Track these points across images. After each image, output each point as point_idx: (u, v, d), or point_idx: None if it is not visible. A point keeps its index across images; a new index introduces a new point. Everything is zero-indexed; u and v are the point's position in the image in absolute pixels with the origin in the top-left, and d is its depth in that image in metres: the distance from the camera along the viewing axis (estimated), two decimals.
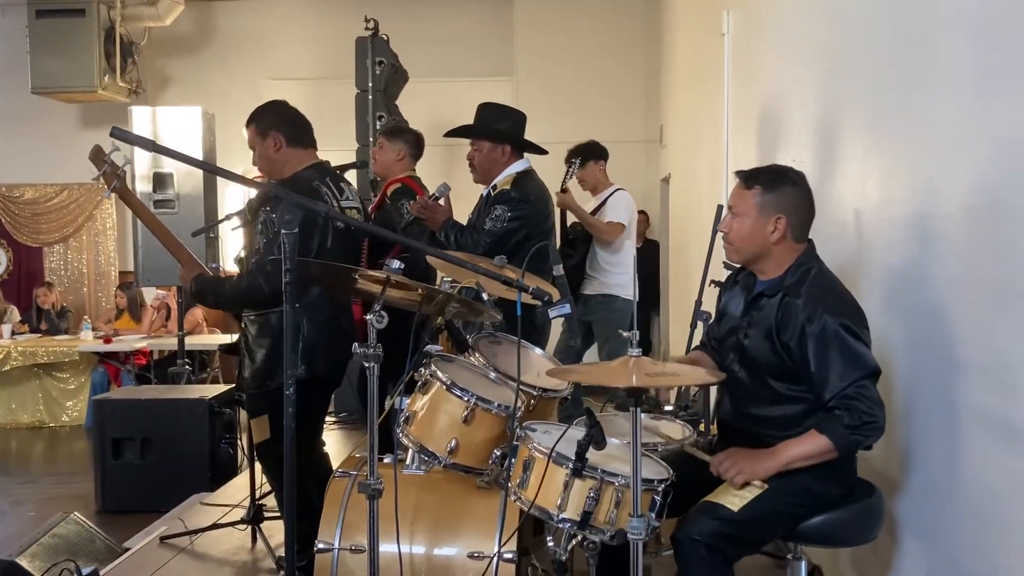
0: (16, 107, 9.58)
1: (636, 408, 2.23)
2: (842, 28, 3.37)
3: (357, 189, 3.81)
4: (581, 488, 2.36)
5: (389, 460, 2.88)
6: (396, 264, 2.48)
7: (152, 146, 2.45)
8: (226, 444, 5.52)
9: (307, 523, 2.86)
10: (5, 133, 9.81)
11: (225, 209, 6.32)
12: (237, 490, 4.91)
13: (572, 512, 2.36)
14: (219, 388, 5.92)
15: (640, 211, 8.04)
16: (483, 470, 2.76)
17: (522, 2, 9.49)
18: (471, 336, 3.14)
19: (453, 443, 2.69)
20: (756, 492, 2.47)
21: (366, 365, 2.43)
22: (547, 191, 4.24)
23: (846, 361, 2.45)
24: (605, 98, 9.30)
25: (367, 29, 7.39)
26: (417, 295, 2.64)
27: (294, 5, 9.82)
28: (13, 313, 9.30)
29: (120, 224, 10.02)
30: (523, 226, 3.94)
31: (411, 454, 2.77)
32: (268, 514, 4.17)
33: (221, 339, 7.70)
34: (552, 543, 2.50)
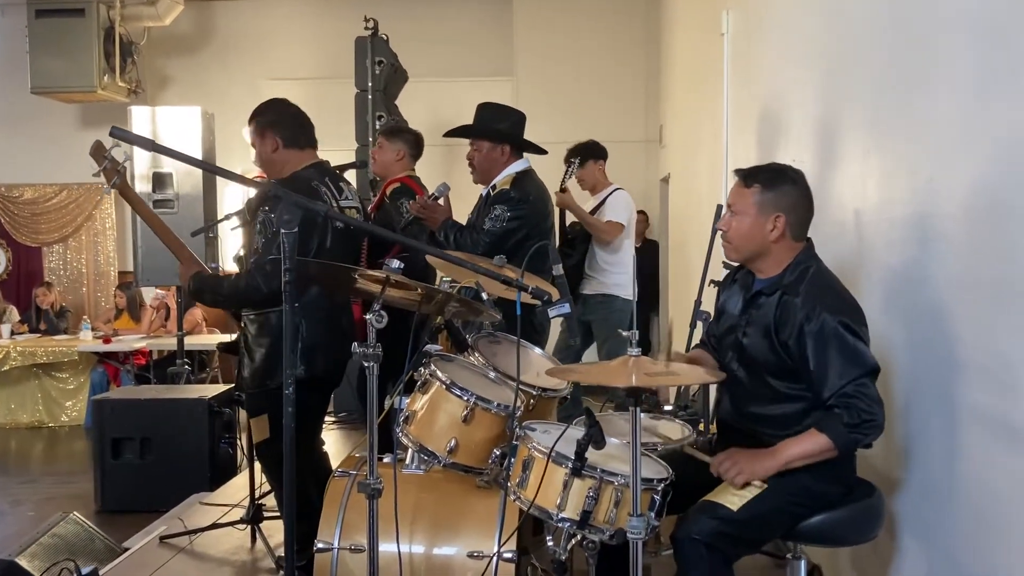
0: (15, 107, 9.59)
1: (635, 408, 2.22)
2: (842, 28, 3.36)
3: (356, 189, 3.81)
4: (580, 487, 2.36)
5: (389, 460, 2.88)
6: (395, 264, 2.47)
7: (152, 146, 2.45)
8: (225, 444, 5.53)
9: (307, 523, 2.85)
10: (4, 133, 9.81)
11: (224, 209, 6.32)
12: (236, 490, 4.91)
13: (571, 511, 2.36)
14: (218, 388, 5.92)
15: (639, 211, 8.04)
16: (483, 470, 2.76)
17: (522, 2, 9.48)
18: (470, 336, 3.14)
19: (453, 442, 2.70)
20: (756, 491, 2.47)
21: (365, 365, 2.43)
22: (546, 191, 4.24)
23: (845, 359, 2.44)
24: (605, 98, 9.30)
25: (367, 29, 7.39)
26: (417, 295, 2.64)
27: (293, 5, 9.82)
28: (12, 313, 9.30)
29: (119, 224, 10.02)
30: (522, 226, 3.94)
31: (411, 454, 2.77)
32: (267, 514, 4.17)
33: (220, 339, 7.68)
34: (552, 542, 2.50)
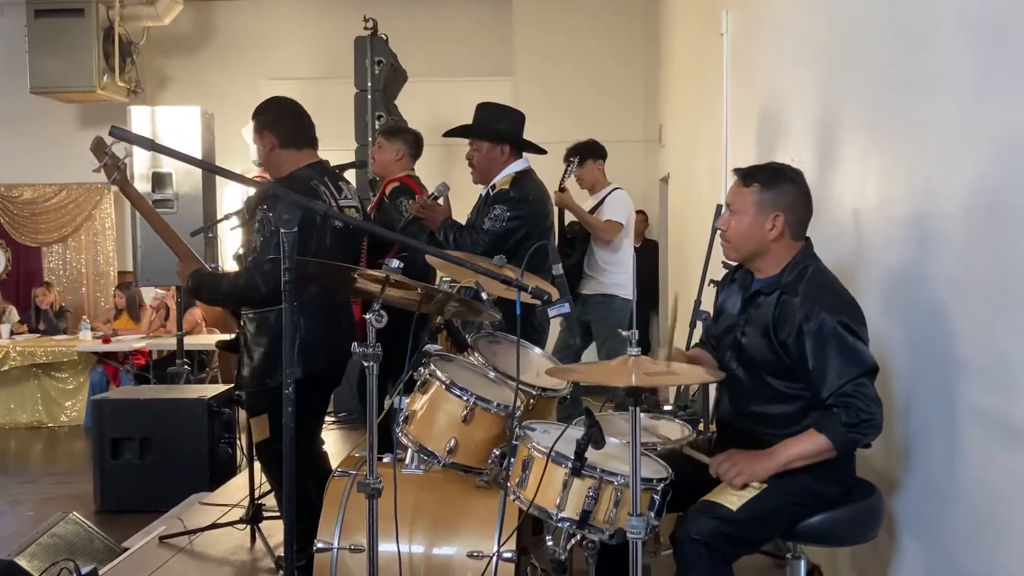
0: (15, 107, 9.59)
1: (635, 407, 2.22)
2: (842, 28, 3.36)
3: (356, 189, 3.81)
4: (580, 487, 2.36)
5: (388, 459, 2.88)
6: (395, 263, 2.47)
7: (151, 145, 2.45)
8: (225, 444, 5.53)
9: (306, 522, 2.85)
10: (4, 133, 9.81)
11: (224, 209, 6.31)
12: (236, 490, 4.91)
13: (571, 511, 2.36)
14: (218, 388, 5.93)
15: (639, 211, 8.05)
16: (482, 469, 2.76)
17: (521, 2, 9.48)
18: (470, 335, 3.14)
19: (452, 442, 2.69)
20: (755, 491, 2.47)
21: (365, 364, 2.42)
22: (546, 191, 4.24)
23: (844, 359, 2.44)
24: (604, 98, 9.30)
25: (366, 29, 7.39)
26: (416, 294, 2.64)
27: (293, 5, 9.82)
28: (12, 313, 9.30)
29: (119, 224, 10.02)
30: (522, 226, 3.94)
31: (410, 453, 2.77)
32: (267, 513, 4.17)
33: (220, 338, 7.69)
34: (551, 542, 2.50)
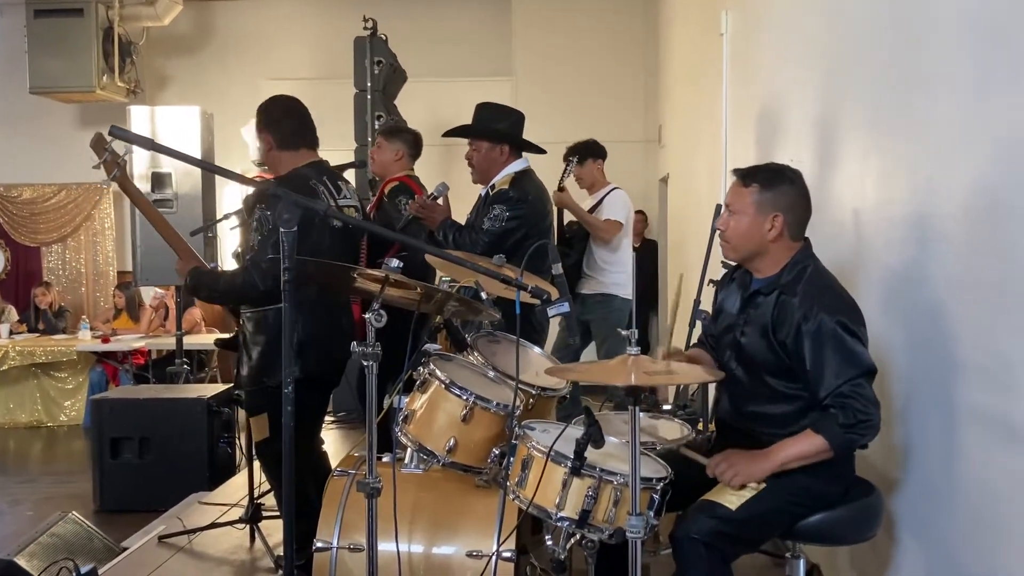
0: (14, 107, 9.58)
1: (635, 407, 2.22)
2: (842, 28, 3.36)
3: (356, 188, 3.81)
4: (580, 487, 2.36)
5: (388, 459, 2.87)
6: (395, 263, 2.47)
7: (151, 145, 2.44)
8: (224, 443, 5.52)
9: (306, 522, 2.84)
10: (3, 133, 9.81)
11: (223, 209, 6.31)
12: (235, 489, 4.90)
13: (571, 511, 2.36)
14: (217, 387, 5.92)
15: (638, 211, 8.05)
16: (482, 469, 2.77)
17: (521, 2, 9.48)
18: (470, 335, 3.14)
19: (452, 442, 2.70)
20: (754, 491, 2.47)
21: (364, 364, 2.42)
22: (545, 190, 4.24)
23: (842, 359, 2.44)
24: (604, 98, 9.30)
25: (366, 29, 7.38)
26: (416, 294, 2.64)
27: (292, 5, 9.82)
28: (11, 313, 9.29)
29: (118, 224, 10.01)
30: (521, 225, 3.94)
31: (410, 453, 2.77)
32: (266, 513, 4.17)
33: (219, 337, 7.68)
34: (551, 542, 2.50)
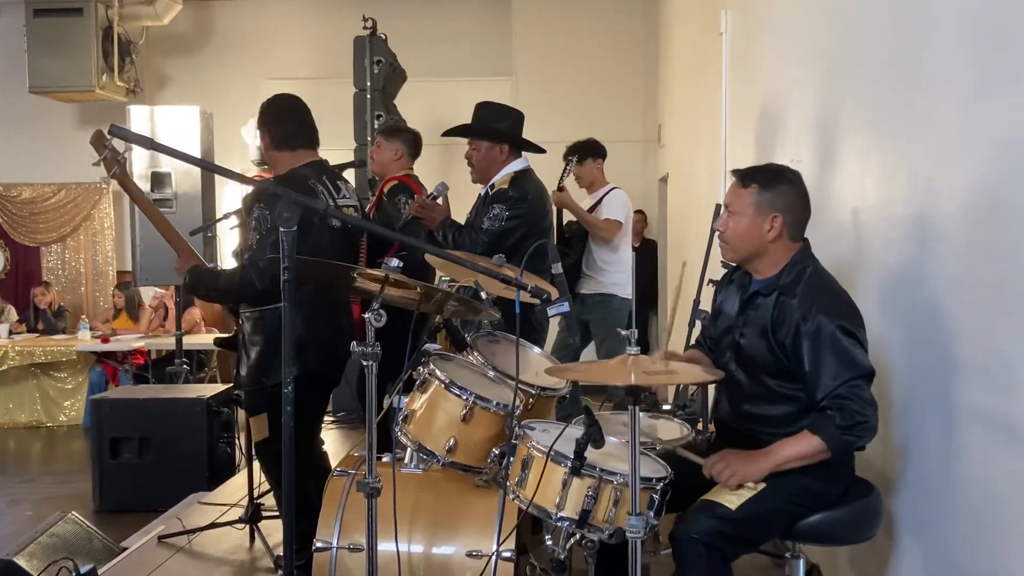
0: (14, 107, 9.58)
1: (634, 406, 2.22)
2: (842, 28, 3.36)
3: (355, 188, 3.80)
4: (579, 486, 2.35)
5: (388, 459, 2.87)
6: (395, 263, 2.46)
7: (151, 144, 2.44)
8: (224, 443, 5.52)
9: (305, 522, 2.84)
10: (3, 133, 9.81)
11: (223, 208, 6.30)
12: (235, 489, 4.90)
13: (570, 511, 2.36)
14: (217, 387, 5.92)
15: (638, 210, 8.05)
16: (481, 469, 2.77)
17: (521, 2, 9.48)
18: (469, 335, 3.14)
19: (452, 442, 2.70)
20: (754, 491, 2.47)
21: (364, 364, 2.42)
22: (545, 190, 4.24)
23: (839, 361, 2.44)
24: (604, 97, 9.30)
25: (365, 28, 7.38)
26: (416, 294, 2.64)
27: (292, 4, 9.82)
28: (10, 313, 9.29)
29: (118, 223, 10.00)
30: (521, 225, 3.93)
31: (409, 453, 2.78)
32: (266, 513, 4.17)
33: (219, 336, 7.67)
34: (550, 542, 2.50)
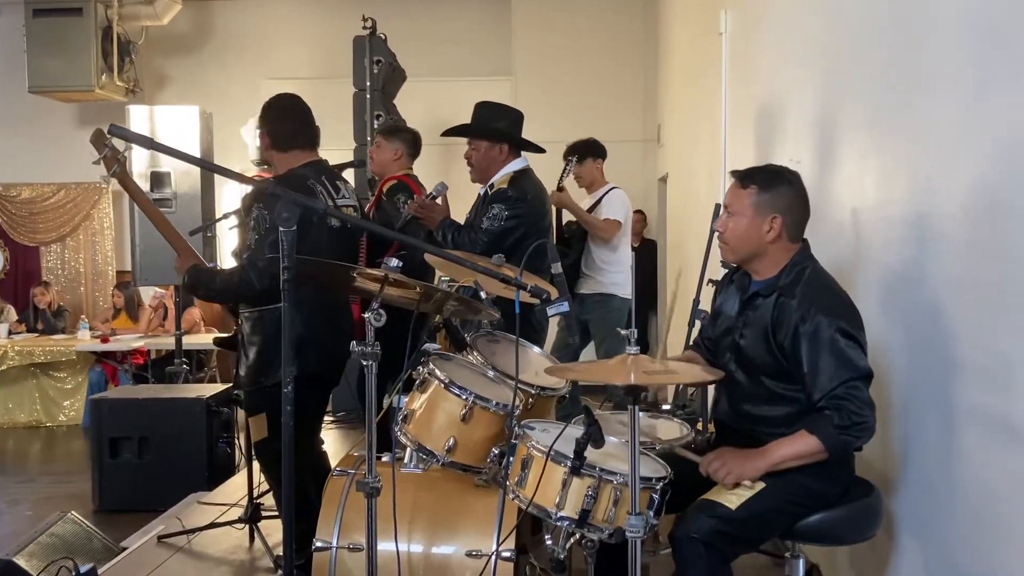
0: (13, 106, 9.57)
1: (634, 406, 2.22)
2: (842, 28, 3.36)
3: (355, 188, 3.80)
4: (579, 486, 2.36)
5: (387, 458, 2.87)
6: (394, 262, 2.46)
7: (151, 144, 2.44)
8: (223, 443, 5.52)
9: (305, 522, 2.84)
10: (2, 132, 9.80)
11: (222, 208, 6.31)
12: (235, 489, 4.90)
13: (570, 510, 2.36)
14: (216, 387, 5.92)
15: (637, 210, 8.04)
16: (481, 468, 2.77)
17: (520, 1, 9.48)
18: (469, 334, 3.14)
19: (451, 441, 2.70)
20: (754, 491, 2.47)
21: (364, 363, 2.42)
22: (544, 190, 4.25)
23: (838, 362, 2.45)
24: (603, 97, 9.30)
25: (365, 28, 7.38)
26: (415, 293, 2.64)
27: (292, 4, 9.81)
28: (10, 312, 9.29)
29: (117, 223, 10.00)
30: (520, 225, 3.94)
31: (409, 452, 2.78)
32: (266, 513, 4.17)
33: (218, 336, 7.66)
34: (550, 541, 2.50)
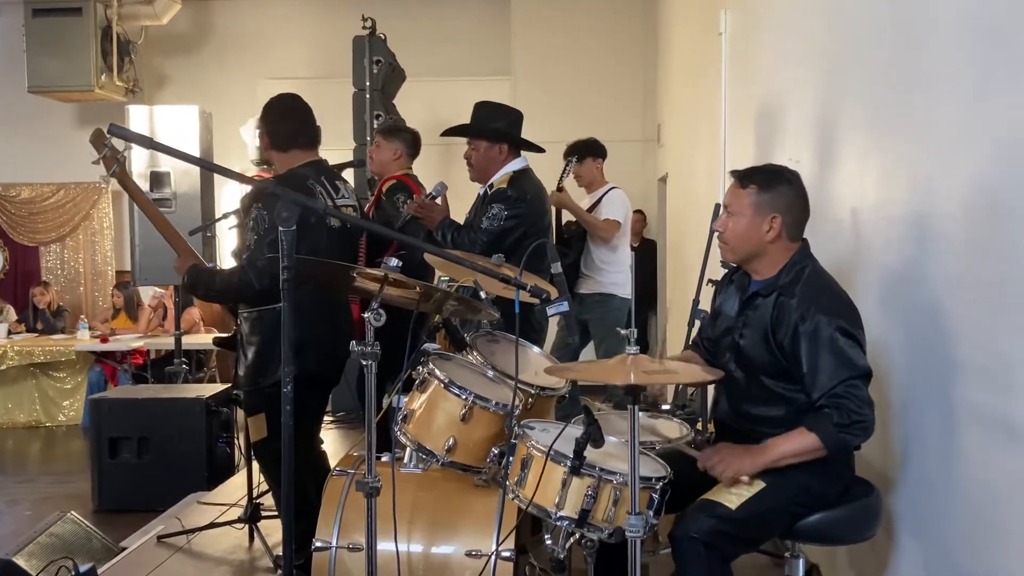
0: (13, 106, 9.57)
1: (634, 405, 2.22)
2: (842, 28, 3.36)
3: (354, 188, 3.80)
4: (579, 486, 2.36)
5: (387, 458, 2.87)
6: (394, 262, 2.46)
7: (150, 143, 2.44)
8: (223, 443, 5.52)
9: (305, 521, 2.84)
10: (2, 132, 9.80)
11: (222, 208, 6.31)
12: (234, 489, 4.90)
13: (570, 510, 2.36)
14: (216, 387, 5.92)
15: (637, 210, 8.05)
16: (481, 468, 2.77)
17: (520, 1, 9.48)
18: (469, 334, 3.14)
19: (451, 441, 2.70)
20: (754, 490, 2.47)
21: (363, 363, 2.42)
22: (544, 189, 4.25)
23: (837, 361, 2.45)
24: (603, 97, 9.30)
25: (364, 28, 7.38)
26: (415, 293, 2.64)
27: (291, 4, 9.81)
28: (10, 312, 9.28)
29: (117, 223, 10.00)
30: (520, 224, 3.93)
31: (409, 452, 2.78)
32: (265, 513, 4.17)
33: (218, 336, 7.65)
34: (550, 541, 2.50)
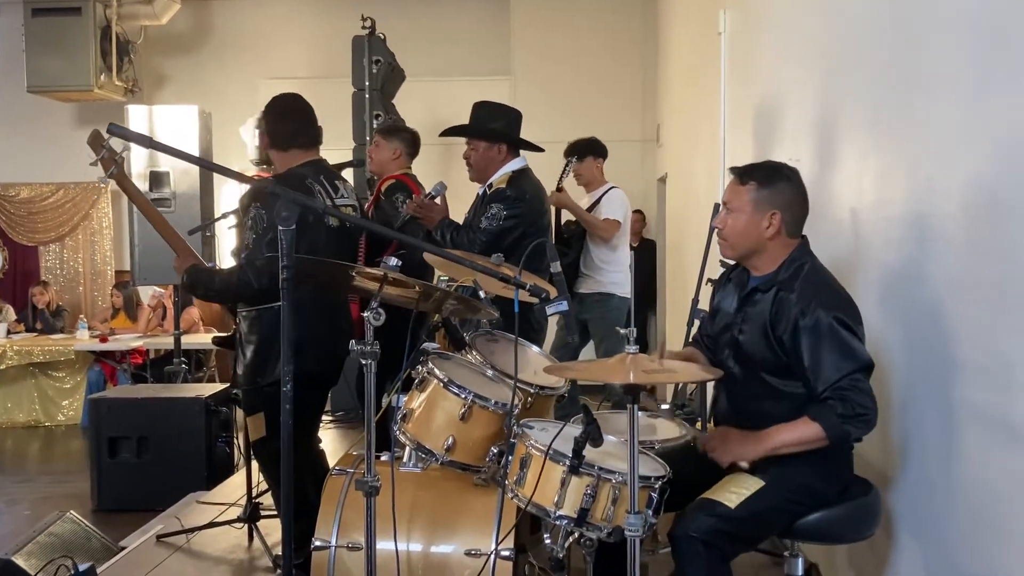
0: (12, 106, 9.57)
1: (633, 405, 2.22)
2: (842, 28, 3.36)
3: (354, 188, 3.80)
4: (578, 485, 2.36)
5: (386, 458, 2.87)
6: (393, 261, 2.46)
7: (150, 143, 2.44)
8: (222, 442, 5.52)
9: (304, 521, 2.84)
10: (1, 132, 9.80)
11: (221, 208, 6.31)
12: (233, 488, 4.91)
13: (569, 509, 2.36)
14: (215, 387, 5.92)
15: (636, 210, 8.05)
16: (480, 467, 2.77)
17: (519, 1, 9.48)
18: (468, 334, 3.14)
19: (450, 440, 2.70)
20: (753, 489, 2.48)
21: (363, 363, 2.42)
22: (543, 189, 4.25)
23: (840, 354, 2.45)
24: (602, 97, 9.30)
25: (364, 28, 7.38)
26: (414, 292, 2.64)
27: (291, 4, 9.81)
28: (9, 312, 9.28)
29: (116, 223, 9.99)
30: (519, 224, 3.94)
31: (408, 451, 2.78)
32: (265, 512, 4.17)
33: (217, 335, 7.65)
34: (549, 540, 2.51)
